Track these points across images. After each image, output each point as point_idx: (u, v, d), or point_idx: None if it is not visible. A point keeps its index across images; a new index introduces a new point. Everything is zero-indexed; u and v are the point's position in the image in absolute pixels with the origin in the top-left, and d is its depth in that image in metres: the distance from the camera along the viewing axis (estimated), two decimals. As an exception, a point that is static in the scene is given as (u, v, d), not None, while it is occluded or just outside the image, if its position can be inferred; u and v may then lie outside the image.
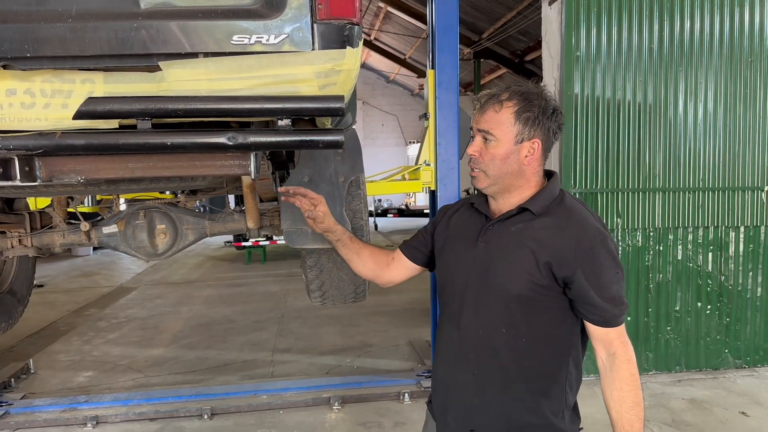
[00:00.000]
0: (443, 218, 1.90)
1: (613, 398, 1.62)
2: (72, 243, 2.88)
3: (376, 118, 21.51)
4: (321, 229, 2.03)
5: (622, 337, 1.65)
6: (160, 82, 1.68)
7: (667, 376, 4.96)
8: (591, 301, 1.60)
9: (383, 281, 2.05)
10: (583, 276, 1.58)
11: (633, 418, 1.59)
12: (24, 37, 1.59)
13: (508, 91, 1.65)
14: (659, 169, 4.92)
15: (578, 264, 1.58)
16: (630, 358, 1.63)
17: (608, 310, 1.61)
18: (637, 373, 1.63)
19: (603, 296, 1.60)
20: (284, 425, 4.20)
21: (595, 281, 1.59)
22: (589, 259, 1.59)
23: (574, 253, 1.58)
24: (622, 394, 1.61)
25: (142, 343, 6.31)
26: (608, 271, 1.61)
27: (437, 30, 4.44)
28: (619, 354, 1.63)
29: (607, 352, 1.65)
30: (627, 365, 1.62)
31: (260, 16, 1.66)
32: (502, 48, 13.70)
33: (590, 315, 1.63)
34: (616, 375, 1.62)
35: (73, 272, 10.98)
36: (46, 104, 1.68)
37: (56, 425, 4.22)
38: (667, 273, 4.99)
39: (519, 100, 1.63)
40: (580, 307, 1.64)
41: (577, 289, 1.60)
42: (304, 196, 1.99)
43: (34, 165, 1.70)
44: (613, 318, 1.63)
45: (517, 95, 1.64)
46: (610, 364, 1.64)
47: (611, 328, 1.63)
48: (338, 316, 7.00)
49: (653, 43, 4.83)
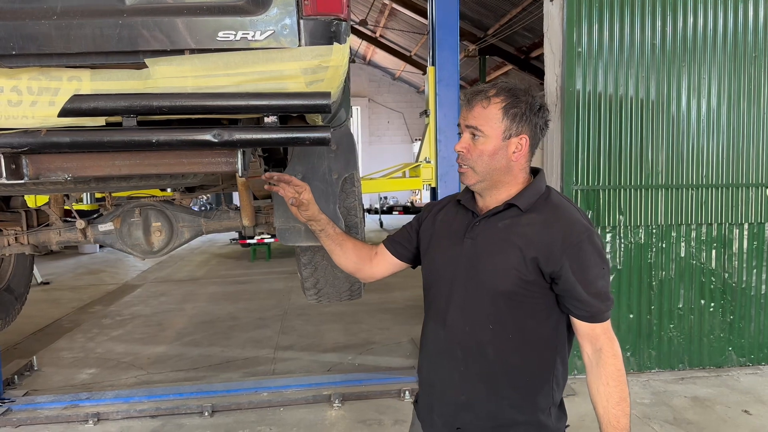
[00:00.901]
0: (429, 215, 1.88)
1: (600, 393, 1.61)
2: (68, 241, 2.88)
3: (382, 116, 21.49)
4: (306, 217, 1.98)
5: (608, 332, 1.64)
6: (146, 80, 1.67)
7: (669, 374, 4.92)
8: (577, 296, 1.60)
9: (364, 275, 2.03)
10: (570, 271, 1.58)
11: (619, 414, 1.59)
12: (9, 35, 1.59)
13: (495, 87, 1.64)
14: (662, 165, 4.88)
15: (565, 259, 1.58)
16: (616, 354, 1.63)
17: (594, 305, 1.61)
18: (623, 368, 1.62)
19: (589, 291, 1.60)
20: (284, 423, 4.20)
21: (581, 276, 1.59)
22: (576, 254, 1.58)
23: (561, 249, 1.58)
24: (609, 390, 1.60)
25: (145, 341, 6.34)
26: (594, 266, 1.61)
27: (437, 27, 4.44)
28: (605, 349, 1.62)
29: (593, 348, 1.64)
30: (613, 360, 1.61)
31: (246, 12, 1.65)
32: (508, 44, 13.65)
33: (576, 310, 1.63)
34: (603, 370, 1.61)
35: (79, 270, 11.03)
36: (33, 102, 1.68)
37: (58, 422, 4.24)
38: (670, 270, 4.96)
39: (506, 96, 1.62)
40: (567, 303, 1.63)
41: (564, 284, 1.60)
42: (288, 183, 1.93)
43: (20, 163, 1.70)
44: (599, 313, 1.62)
45: (504, 91, 1.63)
46: (596, 360, 1.63)
47: (597, 323, 1.63)
48: (341, 314, 7.00)
49: (656, 39, 4.79)
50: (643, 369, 4.98)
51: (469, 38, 13.77)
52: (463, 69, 16.08)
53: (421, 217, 1.91)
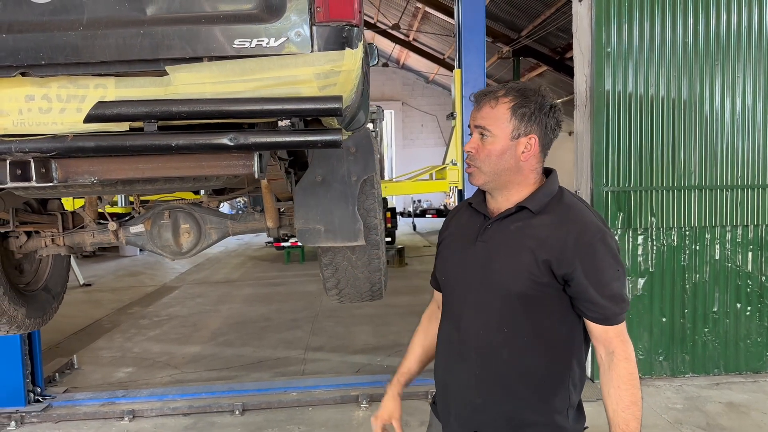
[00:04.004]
0: (445, 225, 1.91)
1: (610, 396, 1.60)
2: (101, 242, 3.00)
3: (416, 119, 21.49)
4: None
5: (622, 335, 1.63)
6: (167, 86, 1.74)
7: (704, 379, 4.82)
8: (590, 299, 1.59)
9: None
10: (583, 273, 1.57)
11: (629, 417, 1.57)
12: (39, 46, 1.68)
13: (504, 87, 1.66)
14: (695, 166, 4.79)
15: (577, 261, 1.57)
16: (629, 357, 1.61)
17: (608, 308, 1.60)
18: (635, 372, 1.61)
19: (602, 293, 1.59)
20: (313, 422, 4.27)
21: (593, 278, 1.58)
22: (589, 256, 1.58)
23: (573, 251, 1.57)
24: (620, 393, 1.59)
25: (180, 341, 6.49)
26: (608, 268, 1.60)
27: (463, 29, 4.46)
28: (618, 352, 1.61)
29: (606, 351, 1.63)
30: (625, 364, 1.60)
31: (260, 20, 1.71)
32: (542, 45, 13.51)
33: (589, 312, 1.62)
34: (614, 373, 1.60)
35: (120, 272, 11.35)
36: (62, 109, 1.76)
37: (95, 418, 4.40)
38: (704, 273, 4.85)
39: (515, 96, 1.63)
40: (579, 305, 1.63)
41: (576, 286, 1.59)
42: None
43: (50, 166, 1.79)
44: (612, 316, 1.61)
45: (514, 91, 1.64)
46: (608, 363, 1.62)
47: (611, 326, 1.62)
48: (372, 316, 7.05)
49: (687, 37, 4.71)
50: (676, 374, 4.89)
51: (503, 40, 13.69)
52: (497, 71, 16.00)
53: (441, 232, 1.92)
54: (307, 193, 2.46)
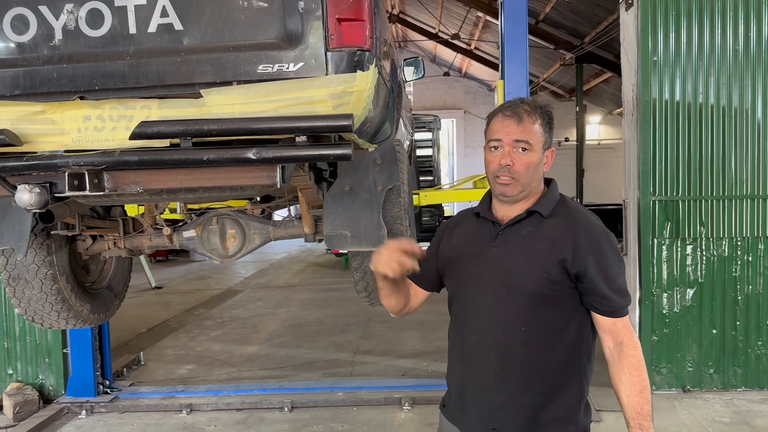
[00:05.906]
0: (445, 232, 2.00)
1: (623, 383, 1.73)
2: (157, 245, 3.30)
3: (478, 127, 21.37)
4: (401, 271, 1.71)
5: (628, 326, 1.77)
6: (202, 107, 1.98)
7: (756, 394, 4.69)
8: (601, 293, 1.73)
9: (402, 314, 2.03)
10: (594, 270, 1.71)
11: (642, 401, 1.70)
12: (93, 73, 1.95)
13: (529, 103, 1.80)
14: (746, 175, 4.69)
15: (589, 258, 1.71)
16: (636, 345, 1.75)
17: (616, 301, 1.74)
18: (643, 359, 1.74)
19: (611, 288, 1.73)
20: (356, 421, 4.44)
21: (603, 274, 1.72)
22: (598, 254, 1.72)
23: (586, 249, 1.72)
24: (632, 379, 1.71)
25: (240, 341, 6.83)
26: (615, 264, 1.75)
27: (506, 40, 4.53)
28: (627, 342, 1.74)
29: (615, 342, 1.75)
30: (634, 352, 1.73)
31: (281, 47, 1.92)
32: (606, 51, 13.29)
33: (600, 306, 1.75)
34: (626, 361, 1.73)
35: (189, 275, 11.94)
36: (114, 127, 2.03)
37: (156, 410, 4.74)
38: (757, 285, 4.73)
39: (542, 112, 1.79)
40: (590, 299, 1.75)
41: (588, 282, 1.72)
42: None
43: (102, 178, 2.05)
44: (620, 308, 1.75)
45: (539, 107, 1.80)
46: (618, 352, 1.75)
47: (618, 318, 1.75)
48: (422, 322, 7.17)
49: (738, 44, 4.63)
50: (727, 387, 4.77)
51: (565, 47, 13.55)
52: (560, 77, 15.82)
53: (438, 239, 2.01)
54: (336, 201, 2.63)
